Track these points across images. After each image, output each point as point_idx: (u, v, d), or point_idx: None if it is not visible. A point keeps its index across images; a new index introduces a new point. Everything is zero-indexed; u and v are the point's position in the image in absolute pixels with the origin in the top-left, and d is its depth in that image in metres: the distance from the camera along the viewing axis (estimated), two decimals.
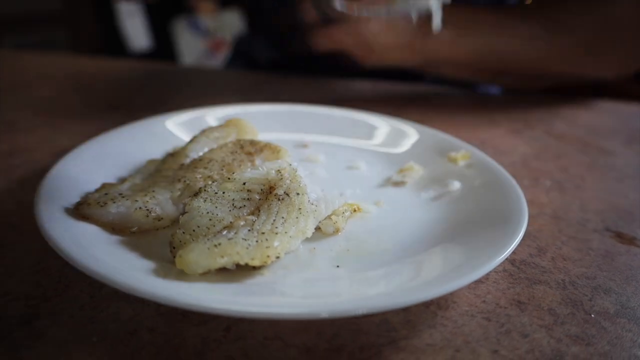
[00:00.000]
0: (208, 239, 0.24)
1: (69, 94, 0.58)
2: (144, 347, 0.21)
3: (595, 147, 0.48)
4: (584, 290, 0.26)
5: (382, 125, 0.44)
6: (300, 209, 0.27)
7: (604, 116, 0.57)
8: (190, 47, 2.58)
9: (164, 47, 2.58)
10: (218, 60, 2.45)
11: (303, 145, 0.42)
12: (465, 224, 0.29)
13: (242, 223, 0.25)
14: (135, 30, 2.52)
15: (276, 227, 0.25)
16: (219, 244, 0.23)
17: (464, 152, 0.37)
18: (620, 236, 0.32)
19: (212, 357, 0.21)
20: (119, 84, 0.63)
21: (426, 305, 0.24)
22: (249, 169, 0.30)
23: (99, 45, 2.76)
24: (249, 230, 0.25)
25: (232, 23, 2.51)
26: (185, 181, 0.30)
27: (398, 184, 0.36)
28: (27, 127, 0.46)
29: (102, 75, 0.66)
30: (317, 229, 0.29)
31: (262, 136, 0.41)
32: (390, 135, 0.43)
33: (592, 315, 0.24)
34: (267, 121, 0.44)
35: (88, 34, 3.24)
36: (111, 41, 2.62)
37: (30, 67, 0.70)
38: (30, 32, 3.59)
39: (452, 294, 0.25)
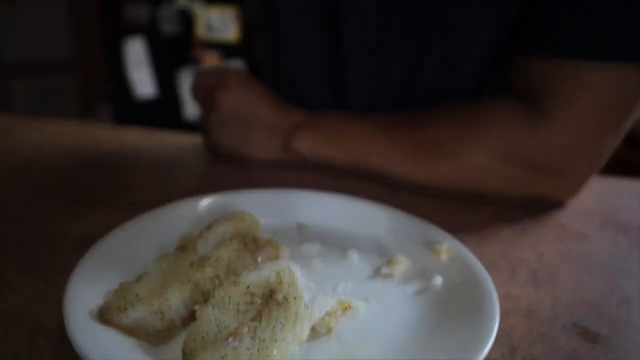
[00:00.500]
0: (216, 349, 0.27)
1: (81, 173, 0.62)
2: None
3: (573, 232, 0.52)
4: None
5: (373, 213, 0.48)
6: (297, 313, 0.30)
7: (585, 194, 0.61)
8: None
9: (169, 96, 2.67)
10: None
11: (301, 231, 0.46)
12: (444, 326, 0.32)
13: (246, 330, 0.29)
14: (142, 79, 2.61)
15: (276, 334, 0.29)
16: (226, 355, 0.27)
17: (447, 247, 0.41)
18: (586, 333, 0.36)
19: None
20: (131, 159, 0.67)
21: None
22: (252, 270, 0.34)
23: (107, 92, 2.85)
24: (252, 338, 0.28)
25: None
26: (195, 282, 0.33)
27: (387, 276, 0.40)
28: (44, 211, 0.50)
29: (115, 150, 0.71)
30: (312, 329, 0.32)
31: (264, 221, 0.44)
32: (381, 223, 0.47)
33: None
34: (268, 207, 0.48)
35: (97, 81, 3.35)
36: (119, 88, 2.71)
37: (43, 137, 0.75)
38: (41, 77, 3.71)
39: None
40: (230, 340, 0.28)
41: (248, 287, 0.32)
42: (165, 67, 2.76)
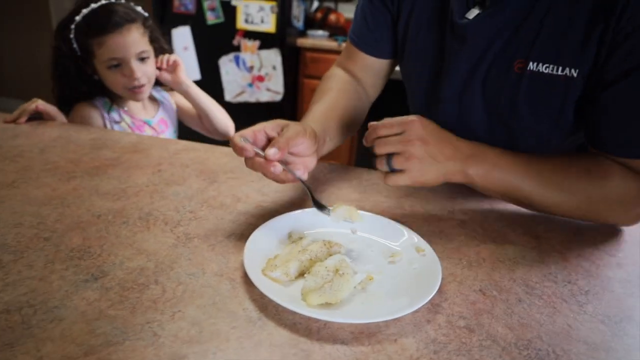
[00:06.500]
0: (314, 291, 0.63)
1: None
2: None
3: None
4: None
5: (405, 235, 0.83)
6: (348, 280, 0.66)
7: None
8: (234, 80, 3.00)
9: (212, 80, 3.00)
10: (260, 91, 2.88)
11: (353, 233, 0.82)
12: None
13: (326, 285, 0.65)
14: (188, 64, 2.94)
15: (337, 285, 0.65)
16: (322, 287, 0.63)
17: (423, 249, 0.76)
18: None
19: None
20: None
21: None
22: (327, 258, 0.70)
23: None
24: (330, 286, 0.64)
25: (270, 59, 2.95)
26: (301, 260, 0.69)
27: (391, 262, 0.75)
28: None
29: None
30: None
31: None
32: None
33: None
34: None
35: None
36: None
37: None
38: None
39: None
40: (322, 287, 0.64)
41: (326, 267, 0.68)
42: (209, 53, 3.07)
